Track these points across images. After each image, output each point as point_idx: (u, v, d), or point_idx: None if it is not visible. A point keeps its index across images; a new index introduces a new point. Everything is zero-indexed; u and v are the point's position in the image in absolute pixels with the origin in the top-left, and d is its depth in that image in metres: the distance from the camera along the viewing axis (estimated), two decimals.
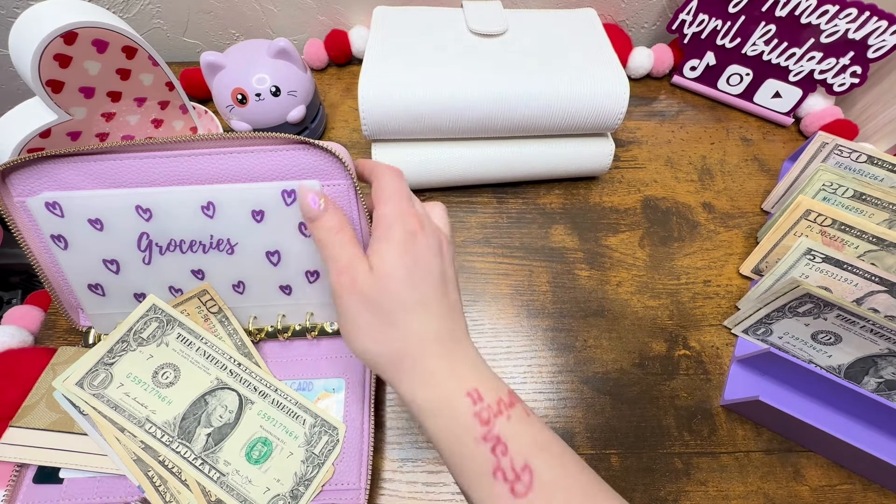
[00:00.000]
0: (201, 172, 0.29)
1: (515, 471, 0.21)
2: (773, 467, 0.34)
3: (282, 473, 0.29)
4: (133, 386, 0.29)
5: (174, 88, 0.43)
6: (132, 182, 0.29)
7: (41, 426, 0.29)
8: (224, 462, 0.29)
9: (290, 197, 0.29)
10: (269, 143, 0.28)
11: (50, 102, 0.36)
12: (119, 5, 0.53)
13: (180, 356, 0.31)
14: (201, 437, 0.29)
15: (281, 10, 0.54)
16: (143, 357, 0.30)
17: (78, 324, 0.34)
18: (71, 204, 0.29)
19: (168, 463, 0.28)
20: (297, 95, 0.43)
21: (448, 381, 0.23)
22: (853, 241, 0.36)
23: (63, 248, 0.30)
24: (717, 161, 0.50)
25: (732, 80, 0.53)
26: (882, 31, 0.44)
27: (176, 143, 0.28)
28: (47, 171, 0.28)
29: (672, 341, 0.39)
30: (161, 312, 0.31)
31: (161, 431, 0.28)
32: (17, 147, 0.36)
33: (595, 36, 0.45)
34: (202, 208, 0.29)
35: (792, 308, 0.34)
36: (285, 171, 0.29)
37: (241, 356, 0.32)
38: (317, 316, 0.35)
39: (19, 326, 0.38)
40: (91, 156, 0.28)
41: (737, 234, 0.45)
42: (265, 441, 0.30)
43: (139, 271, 0.31)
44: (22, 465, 0.29)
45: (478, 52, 0.42)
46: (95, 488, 0.29)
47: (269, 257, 0.32)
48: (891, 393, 0.34)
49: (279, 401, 0.31)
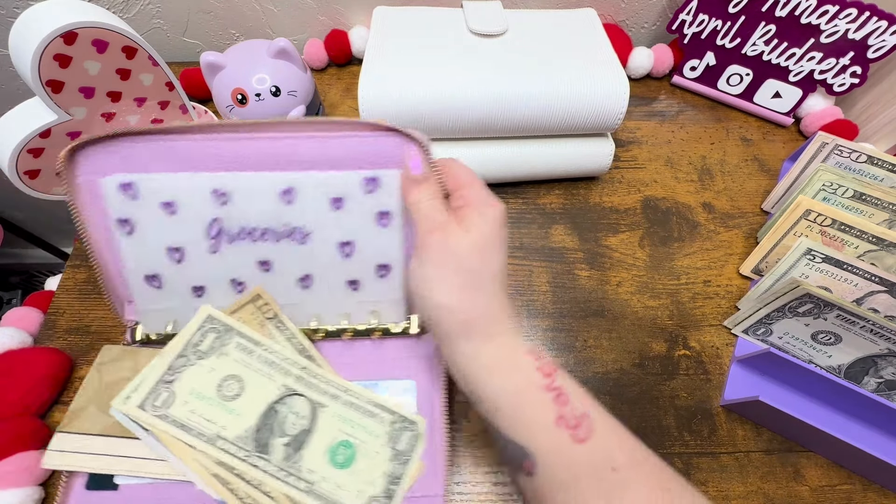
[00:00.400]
0: (281, 156, 0.28)
1: (576, 418, 0.22)
2: (773, 467, 0.34)
3: (371, 474, 0.28)
4: (198, 403, 0.28)
5: (174, 88, 0.43)
6: (208, 164, 0.28)
7: (93, 431, 0.28)
8: (308, 470, 0.27)
9: (370, 185, 0.29)
10: (353, 129, 0.28)
11: (50, 102, 0.36)
12: (119, 5, 0.53)
13: (242, 366, 0.29)
14: (279, 447, 0.28)
15: (281, 10, 0.54)
16: (204, 370, 0.29)
17: (123, 318, 0.32)
18: (147, 186, 0.28)
19: (247, 477, 0.26)
20: (297, 95, 0.43)
21: (512, 343, 0.25)
22: (853, 241, 0.36)
23: (128, 234, 0.29)
24: (717, 161, 0.50)
25: (732, 81, 0.53)
26: (882, 31, 0.44)
27: (258, 125, 0.27)
28: (120, 149, 0.27)
29: (672, 341, 0.39)
30: (217, 322, 0.30)
31: (235, 447, 0.27)
32: (17, 147, 0.36)
33: (595, 36, 0.45)
34: (281, 193, 0.28)
35: (792, 308, 0.34)
36: (365, 157, 0.28)
37: (304, 359, 0.31)
38: (382, 315, 0.33)
39: (18, 328, 0.38)
40: (167, 135, 0.27)
41: (737, 234, 0.45)
42: (347, 444, 0.28)
43: (203, 261, 0.30)
44: (71, 473, 0.27)
45: (478, 52, 0.42)
46: (153, 496, 0.27)
47: (341, 248, 0.30)
48: (891, 393, 0.34)
49: (352, 401, 0.30)
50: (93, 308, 0.40)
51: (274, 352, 0.30)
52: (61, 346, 0.38)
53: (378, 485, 0.28)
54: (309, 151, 0.28)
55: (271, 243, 0.30)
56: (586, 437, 0.22)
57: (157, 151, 0.27)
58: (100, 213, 0.28)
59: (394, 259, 0.31)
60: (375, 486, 0.28)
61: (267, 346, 0.30)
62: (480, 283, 0.25)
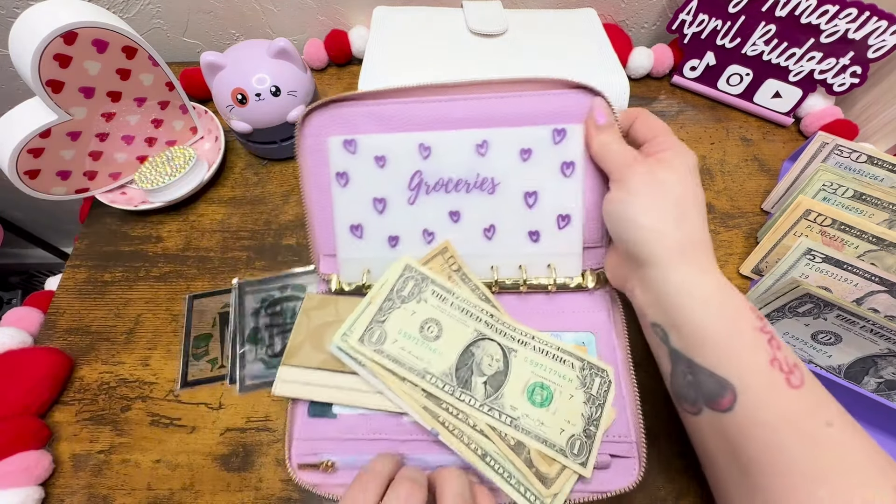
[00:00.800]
0: (475, 114, 0.31)
1: (789, 364, 0.23)
2: None
3: (570, 415, 0.29)
4: (406, 341, 0.30)
5: (174, 88, 0.43)
6: (413, 124, 0.31)
7: (312, 365, 0.30)
8: (511, 407, 0.29)
9: (559, 136, 0.31)
10: (542, 87, 0.31)
11: (50, 102, 0.36)
12: (119, 5, 0.53)
13: (439, 311, 0.31)
14: (479, 385, 0.29)
15: (281, 10, 0.54)
16: (407, 313, 0.31)
17: (320, 271, 0.34)
18: (364, 142, 0.32)
19: (453, 411, 0.28)
20: (297, 95, 0.43)
21: (724, 279, 0.25)
22: (853, 241, 0.36)
23: (343, 186, 0.32)
24: (717, 161, 0.50)
25: (732, 80, 0.53)
26: (882, 31, 0.44)
27: (453, 86, 0.31)
28: (340, 114, 0.31)
29: None
30: (414, 272, 0.32)
31: (441, 381, 0.29)
32: (17, 147, 0.36)
33: (595, 36, 0.45)
34: (476, 146, 0.31)
35: (792, 308, 0.34)
36: (552, 114, 0.31)
37: (491, 307, 0.32)
38: (558, 269, 0.34)
39: (18, 328, 0.38)
40: (377, 100, 0.31)
41: (737, 234, 0.45)
42: (542, 385, 0.29)
43: (401, 211, 0.33)
44: (295, 400, 0.30)
45: (478, 52, 0.42)
46: (367, 425, 0.29)
47: (526, 198, 0.32)
48: (891, 393, 0.34)
49: (541, 347, 0.31)
50: (93, 308, 0.40)
51: (465, 300, 0.32)
52: (61, 346, 0.38)
53: (577, 425, 0.28)
54: (499, 109, 0.31)
55: (463, 193, 0.33)
56: (799, 385, 0.22)
57: (368, 114, 0.31)
58: (323, 167, 0.32)
59: (574, 210, 0.32)
60: (575, 426, 0.28)
61: (458, 294, 0.32)
62: (685, 210, 0.26)
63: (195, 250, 0.43)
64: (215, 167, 0.45)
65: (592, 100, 0.30)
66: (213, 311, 0.40)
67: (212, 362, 0.38)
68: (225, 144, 0.47)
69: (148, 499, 0.33)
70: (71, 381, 0.37)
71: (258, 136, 0.45)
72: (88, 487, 0.33)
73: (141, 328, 0.39)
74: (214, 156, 0.47)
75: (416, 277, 0.32)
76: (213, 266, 0.42)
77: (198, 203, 0.46)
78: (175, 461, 0.34)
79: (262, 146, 0.46)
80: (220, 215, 0.45)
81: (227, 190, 0.47)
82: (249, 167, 0.49)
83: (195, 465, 0.34)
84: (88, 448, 0.34)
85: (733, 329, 0.23)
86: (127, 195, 0.45)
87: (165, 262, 0.43)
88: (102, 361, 0.38)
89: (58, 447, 0.34)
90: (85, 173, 0.42)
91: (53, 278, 0.44)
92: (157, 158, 0.45)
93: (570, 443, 0.28)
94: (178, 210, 0.45)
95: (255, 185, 0.47)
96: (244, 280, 0.41)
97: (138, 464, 0.34)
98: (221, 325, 0.39)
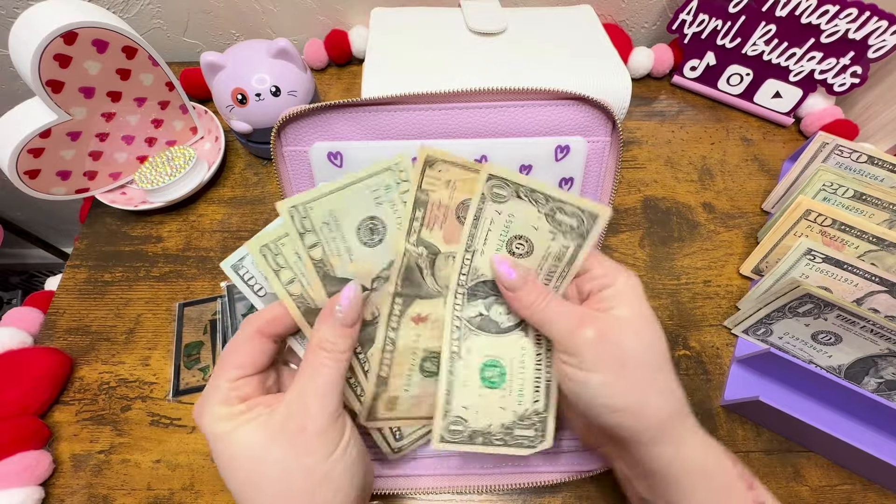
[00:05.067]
0: (471, 126, 0.29)
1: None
2: (773, 467, 0.34)
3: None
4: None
5: (174, 88, 0.43)
6: (404, 134, 0.29)
7: None
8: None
9: (561, 153, 0.30)
10: (541, 98, 0.29)
11: (50, 102, 0.36)
12: (119, 5, 0.53)
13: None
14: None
15: (281, 10, 0.54)
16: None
17: None
18: (350, 154, 0.29)
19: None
20: (297, 95, 0.43)
21: (708, 443, 0.23)
22: (853, 241, 0.36)
23: None
24: (717, 161, 0.50)
25: (732, 80, 0.53)
26: (882, 31, 0.44)
27: (449, 95, 0.28)
28: (322, 122, 0.29)
29: (672, 341, 0.39)
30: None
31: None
32: (17, 147, 0.36)
33: (594, 32, 0.45)
34: (474, 160, 0.29)
35: (792, 308, 0.34)
36: (552, 126, 0.29)
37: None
38: None
39: (18, 328, 0.38)
40: (364, 108, 0.29)
41: (737, 234, 0.45)
42: (495, 363, 0.26)
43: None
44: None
45: (478, 51, 0.42)
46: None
47: None
48: (891, 393, 0.34)
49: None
50: (93, 308, 0.40)
51: None
52: (61, 346, 0.38)
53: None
54: (497, 121, 0.29)
55: None
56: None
57: (354, 122, 0.29)
58: (299, 180, 0.31)
59: None
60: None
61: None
62: (655, 373, 0.22)
63: (195, 250, 0.43)
64: (215, 167, 0.45)
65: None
66: (204, 318, 0.40)
67: (203, 370, 0.37)
68: (225, 144, 0.47)
69: (148, 499, 0.33)
70: (71, 381, 0.37)
71: (258, 136, 0.45)
72: (88, 487, 0.33)
73: (141, 328, 0.39)
74: (214, 156, 0.47)
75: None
76: (213, 266, 0.42)
77: (198, 203, 0.46)
78: (175, 461, 0.34)
79: (262, 146, 0.46)
80: (220, 215, 0.45)
81: (227, 190, 0.47)
82: (249, 167, 0.49)
83: (195, 465, 0.34)
84: (88, 448, 0.34)
85: (727, 498, 0.22)
86: (127, 195, 0.45)
87: (165, 262, 0.43)
88: (102, 361, 0.38)
89: (58, 447, 0.34)
90: (85, 173, 0.42)
91: (53, 278, 0.44)
92: (157, 158, 0.45)
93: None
94: (178, 210, 0.45)
95: (255, 186, 0.47)
96: (232, 283, 0.41)
97: (138, 464, 0.34)
98: (212, 333, 0.39)
